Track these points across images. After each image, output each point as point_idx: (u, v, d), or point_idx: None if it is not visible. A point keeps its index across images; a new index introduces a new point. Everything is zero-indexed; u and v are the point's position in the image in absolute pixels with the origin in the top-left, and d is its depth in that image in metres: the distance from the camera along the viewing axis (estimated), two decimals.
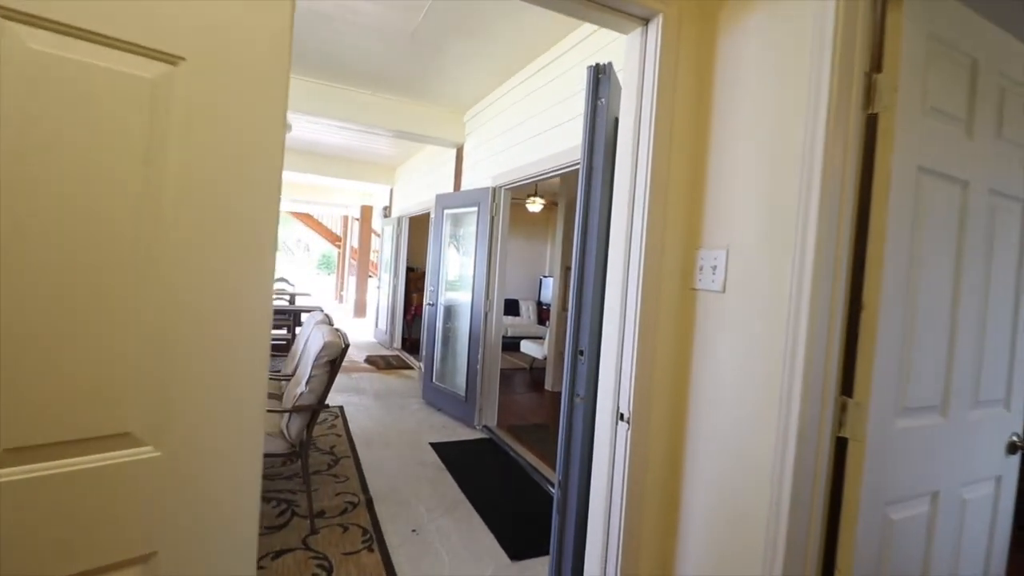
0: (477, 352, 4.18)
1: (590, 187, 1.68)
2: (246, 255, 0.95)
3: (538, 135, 3.66)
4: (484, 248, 4.17)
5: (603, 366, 1.54)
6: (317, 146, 7.06)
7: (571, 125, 3.24)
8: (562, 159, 3.30)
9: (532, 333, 7.86)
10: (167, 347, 0.88)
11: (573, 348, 1.62)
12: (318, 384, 2.46)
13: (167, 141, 0.86)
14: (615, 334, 1.49)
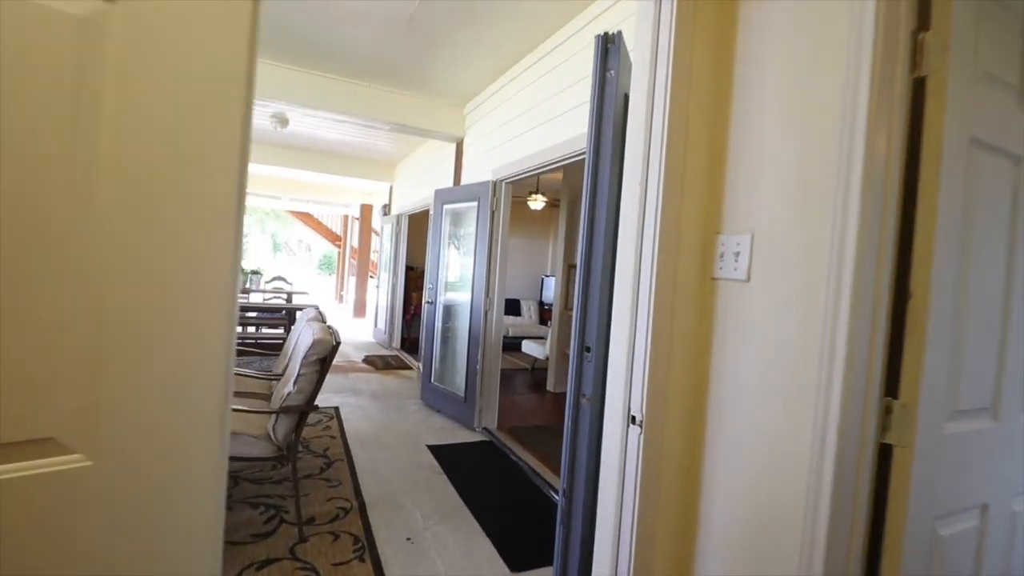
0: (477, 352, 4.04)
1: (598, 168, 1.54)
2: (200, 230, 0.82)
3: (540, 125, 3.52)
4: (484, 244, 4.03)
5: (612, 364, 1.40)
6: (315, 142, 6.93)
7: (575, 114, 3.10)
8: (565, 149, 3.16)
9: (533, 333, 7.71)
10: (102, 340, 0.74)
11: (579, 345, 1.48)
12: (307, 384, 2.32)
13: (99, 96, 0.73)
14: (626, 329, 1.35)
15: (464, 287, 4.37)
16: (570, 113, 3.14)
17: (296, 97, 4.22)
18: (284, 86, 4.16)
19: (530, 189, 7.11)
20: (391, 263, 7.67)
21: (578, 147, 3.03)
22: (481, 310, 4.02)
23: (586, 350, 1.46)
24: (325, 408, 4.38)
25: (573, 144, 3.07)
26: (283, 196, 11.51)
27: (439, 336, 4.66)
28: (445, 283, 4.66)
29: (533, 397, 5.35)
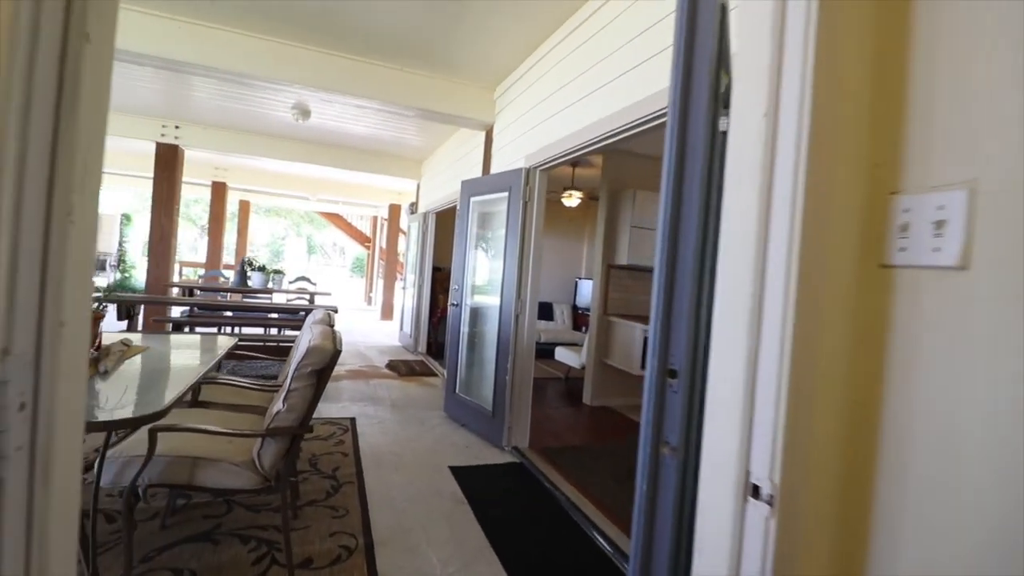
0: (506, 361, 3.58)
1: (687, 107, 1.06)
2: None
3: (580, 100, 3.05)
4: (515, 240, 3.58)
5: (715, 400, 0.91)
6: (341, 137, 6.64)
7: (625, 81, 2.61)
8: (612, 123, 2.68)
9: (567, 339, 7.20)
10: None
11: (657, 367, 1.00)
12: (299, 400, 1.90)
13: None
14: (740, 348, 0.86)
15: (493, 288, 3.92)
16: (619, 80, 2.65)
17: (313, 79, 3.87)
18: (300, 67, 3.82)
19: (564, 185, 6.63)
20: (417, 264, 7.31)
21: (624, 121, 2.55)
22: (511, 313, 3.56)
23: (669, 375, 0.98)
24: (340, 419, 4.00)
25: (618, 118, 2.58)
26: (311, 196, 11.38)
27: (465, 342, 4.23)
28: (472, 284, 4.23)
29: (568, 411, 4.85)
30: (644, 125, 2.49)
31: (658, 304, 1.01)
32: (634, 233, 4.86)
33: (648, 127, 2.49)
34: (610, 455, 3.65)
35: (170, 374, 2.29)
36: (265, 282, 6.46)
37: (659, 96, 2.31)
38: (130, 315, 4.13)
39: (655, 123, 2.44)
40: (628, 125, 2.56)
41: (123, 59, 3.58)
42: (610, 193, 5.07)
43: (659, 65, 2.35)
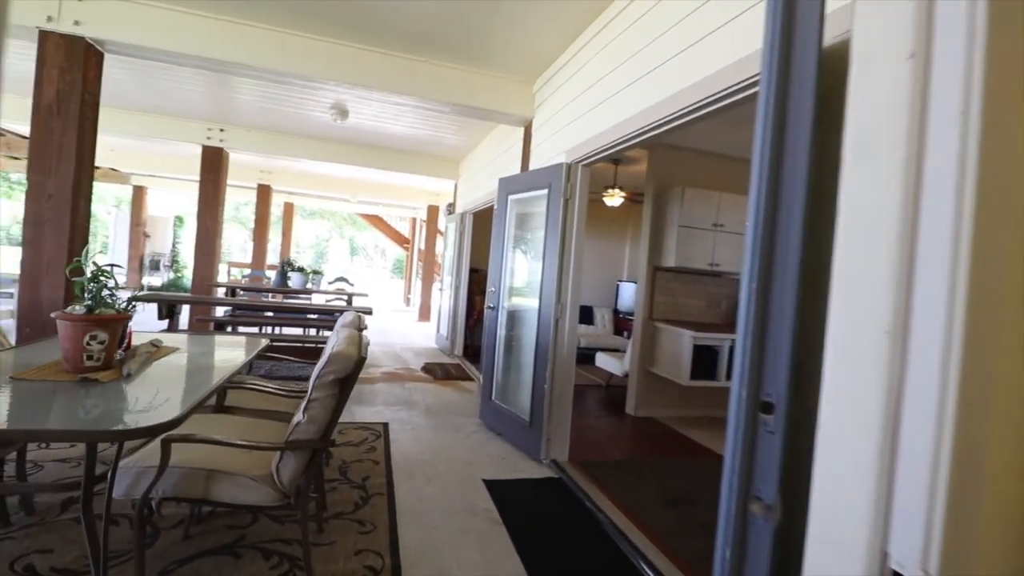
0: (545, 368, 3.36)
1: (788, 58, 0.82)
2: None
3: (624, 88, 2.81)
4: (555, 240, 3.36)
5: (830, 446, 0.68)
6: (379, 137, 6.61)
7: (671, 66, 2.38)
8: (658, 112, 2.43)
9: (608, 344, 6.91)
10: None
11: (747, 399, 0.77)
12: (320, 411, 1.76)
13: None
14: (874, 379, 0.62)
15: (531, 291, 3.72)
16: (670, 64, 2.41)
17: (349, 76, 3.79)
18: (336, 65, 3.74)
19: (606, 183, 6.36)
20: (454, 265, 7.20)
21: (682, 104, 2.29)
22: (551, 318, 3.34)
23: (762, 409, 0.75)
24: (373, 424, 3.89)
25: (675, 102, 2.33)
26: (352, 198, 11.51)
27: (502, 347, 4.04)
28: (509, 286, 4.04)
29: (610, 422, 4.58)
30: (699, 110, 2.24)
31: (747, 318, 0.78)
32: (682, 233, 4.55)
33: (704, 112, 2.24)
34: (658, 473, 3.38)
35: (195, 377, 2.20)
36: (304, 283, 6.49)
37: (717, 77, 2.05)
38: (171, 315, 4.16)
39: (712, 107, 2.18)
40: (680, 112, 2.31)
41: (163, 59, 3.60)
42: (656, 191, 4.77)
43: (718, 42, 2.09)
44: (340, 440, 3.48)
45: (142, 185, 12.10)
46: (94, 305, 2.07)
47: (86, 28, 3.32)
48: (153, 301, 3.97)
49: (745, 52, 1.92)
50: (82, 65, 3.36)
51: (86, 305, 2.06)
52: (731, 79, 1.98)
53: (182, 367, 2.30)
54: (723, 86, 2.02)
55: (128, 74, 5.03)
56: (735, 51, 1.98)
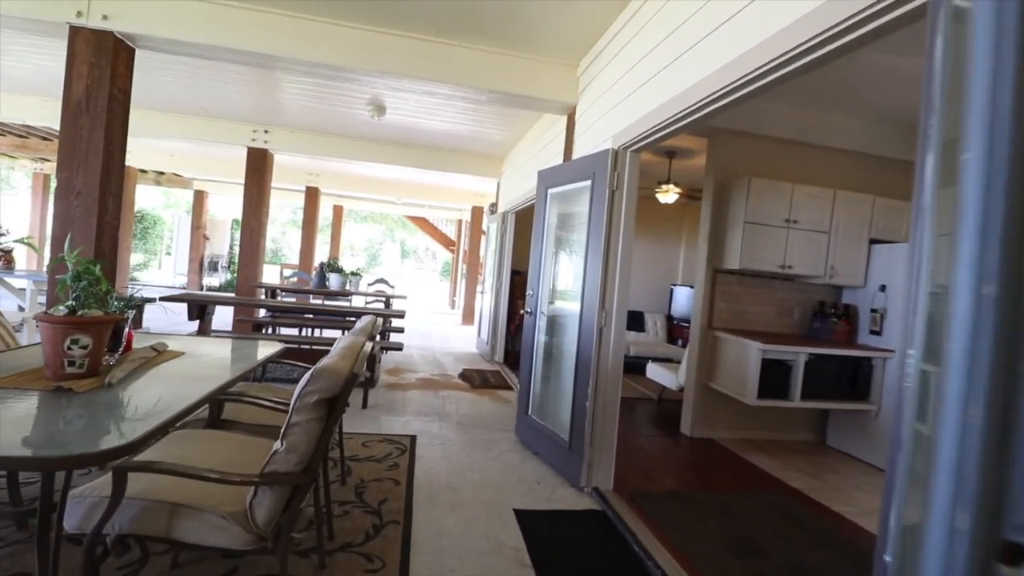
0: (586, 383, 2.95)
1: None
2: None
3: (680, 56, 2.37)
4: (599, 238, 2.95)
5: None
6: (419, 136, 6.40)
7: (734, 23, 1.91)
8: (721, 79, 1.99)
9: (660, 354, 6.36)
10: None
11: (971, 534, 0.35)
12: (302, 438, 1.44)
13: None
14: None
15: (573, 295, 3.31)
16: (736, 20, 1.95)
17: (379, 64, 3.54)
18: (363, 51, 3.50)
19: (659, 179, 5.85)
20: (495, 267, 6.88)
21: (750, 66, 1.84)
22: (593, 326, 2.92)
23: (1006, 558, 0.33)
24: (400, 436, 3.61)
25: (741, 65, 1.88)
26: (397, 199, 11.48)
27: (540, 357, 3.65)
28: (549, 289, 3.65)
29: (662, 443, 4.08)
30: (767, 75, 1.80)
31: (971, 359, 0.37)
32: (749, 231, 3.99)
33: (779, 73, 1.78)
34: (720, 510, 2.88)
35: (187, 389, 1.96)
36: (343, 284, 6.36)
37: (789, 32, 1.60)
38: (201, 316, 4.06)
39: (782, 70, 1.74)
40: (749, 75, 1.86)
41: (194, 53, 3.48)
42: (717, 183, 4.24)
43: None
44: (362, 455, 3.21)
45: (203, 189, 12.61)
46: (77, 306, 1.87)
47: (114, 22, 3.24)
48: (131, 308, 3.88)
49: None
50: (111, 60, 3.28)
51: (68, 306, 1.87)
52: (809, 31, 1.53)
53: (176, 376, 2.07)
54: (799, 40, 1.57)
55: (173, 76, 5.05)
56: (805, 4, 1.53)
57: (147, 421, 1.50)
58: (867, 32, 1.44)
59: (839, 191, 4.23)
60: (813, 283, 4.39)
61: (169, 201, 20.39)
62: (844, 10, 1.44)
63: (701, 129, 4.20)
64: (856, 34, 1.47)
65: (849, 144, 4.34)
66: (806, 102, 4.05)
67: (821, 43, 1.56)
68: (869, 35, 1.45)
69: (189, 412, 1.64)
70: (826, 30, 1.50)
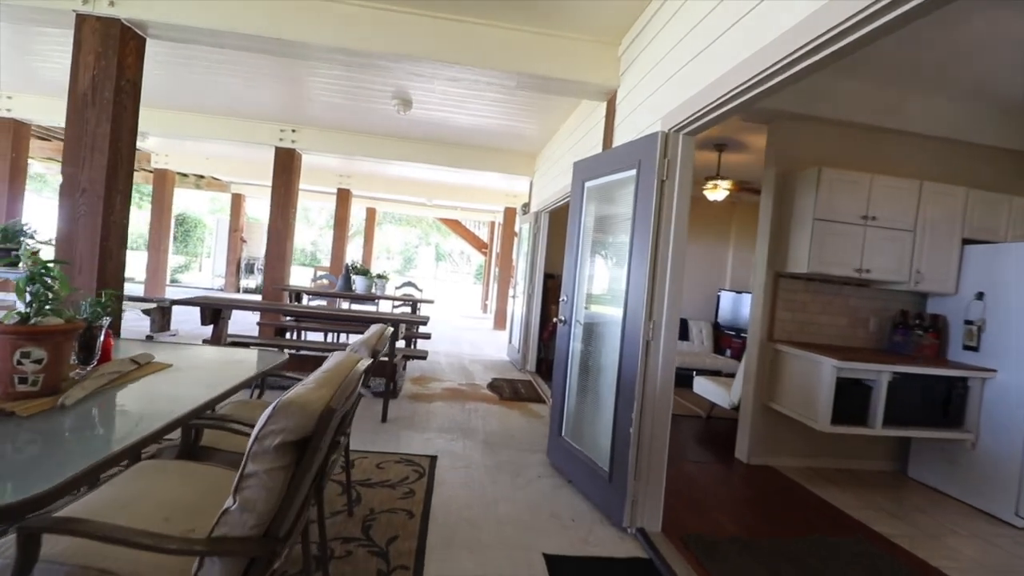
0: (630, 406, 2.52)
1: None
2: None
3: (747, 15, 1.92)
4: (646, 235, 2.52)
5: None
6: (448, 132, 6.10)
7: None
8: (802, 35, 1.53)
9: (707, 366, 5.82)
10: None
11: None
12: (259, 494, 1.09)
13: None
14: None
15: (613, 302, 2.89)
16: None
17: (398, 46, 3.22)
18: (382, 34, 3.20)
19: (706, 174, 5.34)
20: (528, 270, 6.49)
21: (840, 15, 1.39)
22: (638, 339, 2.49)
23: None
24: (419, 457, 3.26)
25: (827, 16, 1.43)
26: (428, 200, 11.27)
27: (574, 372, 3.24)
28: (586, 295, 3.24)
29: (716, 471, 3.59)
30: (853, 32, 1.35)
31: None
32: (819, 230, 3.46)
33: (874, 25, 1.33)
34: (796, 564, 2.39)
35: (162, 409, 1.66)
36: (368, 287, 6.12)
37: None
38: (215, 320, 3.85)
39: (868, 26, 1.29)
40: (839, 26, 1.41)
41: (206, 41, 3.26)
42: (779, 176, 3.72)
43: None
44: (376, 478, 2.88)
45: (240, 193, 12.77)
46: (29, 314, 1.60)
47: (121, 8, 3.05)
48: (106, 313, 3.68)
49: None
50: (117, 49, 3.09)
51: (20, 313, 1.59)
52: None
53: (150, 395, 1.77)
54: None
55: (197, 73, 4.92)
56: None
57: (87, 457, 1.19)
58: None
59: (926, 183, 3.64)
60: (893, 290, 3.80)
61: (215, 206, 21.00)
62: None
63: (759, 114, 3.70)
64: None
65: (935, 129, 3.74)
66: (883, 80, 3.49)
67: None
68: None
69: (143, 445, 1.33)
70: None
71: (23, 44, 4.61)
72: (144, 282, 9.77)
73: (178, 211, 19.49)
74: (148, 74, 5.02)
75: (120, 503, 1.40)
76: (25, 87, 5.90)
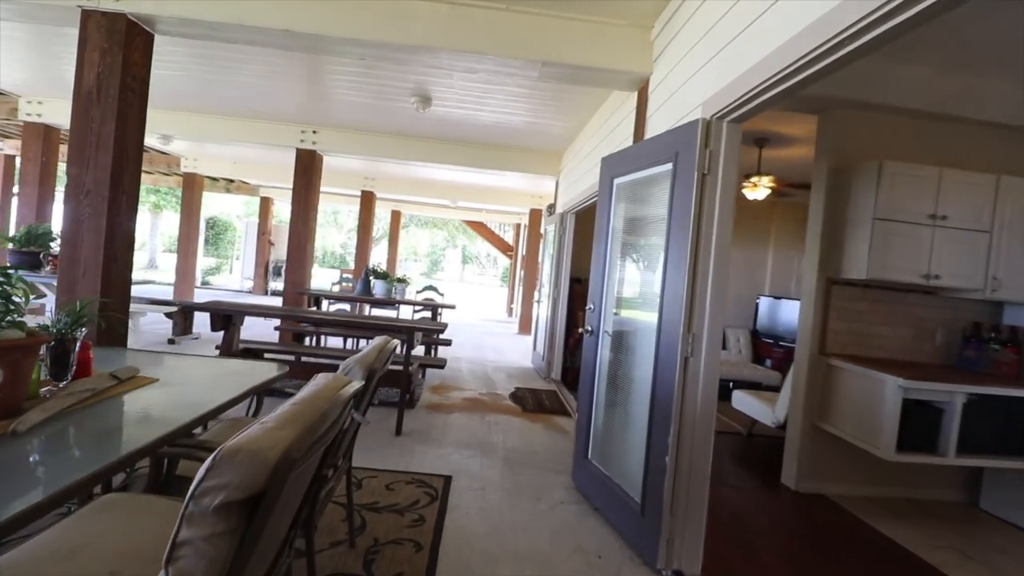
0: (665, 430, 2.21)
1: None
2: None
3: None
4: (683, 237, 2.21)
5: None
6: (469, 131, 5.88)
7: None
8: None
9: (746, 376, 5.42)
10: None
11: None
12: (197, 565, 0.86)
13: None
14: None
15: (646, 311, 2.59)
16: None
17: (411, 36, 3.00)
18: (394, 23, 2.98)
19: (745, 171, 4.96)
20: (553, 274, 6.21)
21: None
22: (675, 355, 2.19)
23: None
24: (433, 477, 3.02)
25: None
26: (452, 203, 11.11)
27: (602, 388, 2.95)
28: (615, 304, 2.94)
29: (761, 498, 3.23)
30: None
31: None
32: (880, 231, 3.07)
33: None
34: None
35: (134, 434, 1.46)
36: (388, 291, 5.94)
37: None
38: (225, 327, 3.71)
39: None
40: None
41: (215, 36, 3.11)
42: (832, 171, 3.35)
43: None
44: (384, 502, 2.65)
45: (268, 196, 12.89)
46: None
47: (126, 3, 2.92)
48: (80, 324, 3.53)
49: None
50: (123, 45, 2.97)
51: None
52: None
53: (119, 418, 1.58)
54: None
55: (216, 74, 4.84)
56: None
57: (23, 500, 0.99)
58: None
59: (1003, 177, 3.21)
60: (964, 298, 3.37)
61: (249, 210, 21.44)
62: None
63: (807, 102, 3.34)
64: None
65: (1015, 116, 3.30)
66: (951, 63, 3.08)
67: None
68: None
69: (92, 482, 1.13)
70: None
71: (51, 49, 4.61)
72: (173, 284, 9.90)
73: (213, 214, 19.96)
74: (168, 76, 5.00)
75: (63, 552, 1.19)
76: (55, 92, 5.97)
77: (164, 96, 5.58)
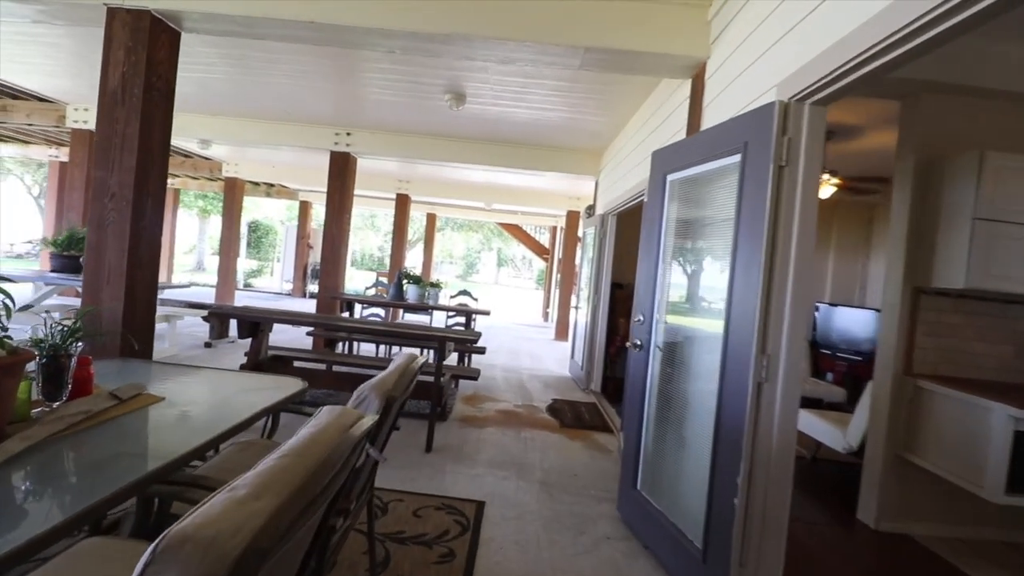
0: (734, 466, 1.88)
1: None
2: None
3: None
4: (757, 239, 1.89)
5: None
6: (505, 129, 5.64)
7: None
8: None
9: (806, 392, 4.93)
10: None
11: None
12: None
13: None
14: None
15: (707, 326, 2.26)
16: None
17: (442, 23, 2.78)
18: (423, 7, 2.77)
19: None
20: (592, 278, 5.89)
21: None
22: (746, 379, 1.86)
23: None
24: (464, 501, 2.78)
25: None
26: (487, 205, 10.92)
27: (652, 410, 2.63)
28: (667, 316, 2.62)
29: (836, 537, 2.82)
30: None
31: None
32: (981, 232, 2.63)
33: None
34: None
35: (128, 468, 1.28)
36: (421, 295, 5.77)
37: None
38: (253, 334, 3.58)
39: None
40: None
41: (242, 32, 2.98)
42: (920, 164, 2.92)
43: None
44: (410, 531, 2.42)
45: (307, 200, 13.06)
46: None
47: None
48: (77, 339, 3.42)
49: None
50: (148, 43, 2.87)
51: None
52: None
53: (112, 447, 1.39)
54: None
55: (250, 76, 4.78)
56: None
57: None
58: None
59: None
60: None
61: (291, 214, 21.97)
62: None
63: (888, 87, 2.92)
64: None
65: None
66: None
67: None
68: None
69: (61, 534, 0.93)
70: None
71: (94, 56, 4.65)
72: (215, 287, 10.09)
73: (257, 218, 20.53)
74: (202, 79, 4.98)
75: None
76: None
77: (200, 100, 5.59)
